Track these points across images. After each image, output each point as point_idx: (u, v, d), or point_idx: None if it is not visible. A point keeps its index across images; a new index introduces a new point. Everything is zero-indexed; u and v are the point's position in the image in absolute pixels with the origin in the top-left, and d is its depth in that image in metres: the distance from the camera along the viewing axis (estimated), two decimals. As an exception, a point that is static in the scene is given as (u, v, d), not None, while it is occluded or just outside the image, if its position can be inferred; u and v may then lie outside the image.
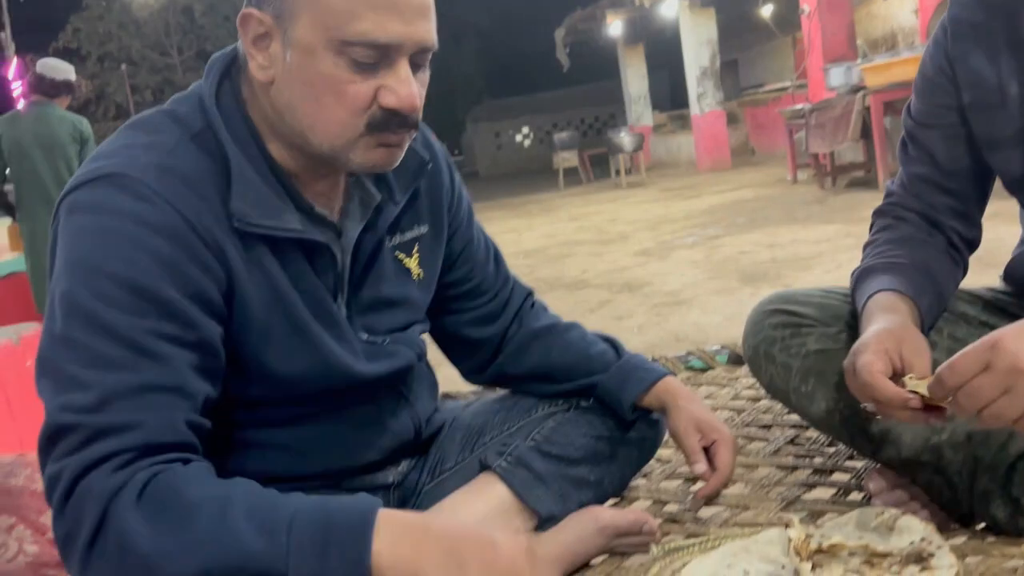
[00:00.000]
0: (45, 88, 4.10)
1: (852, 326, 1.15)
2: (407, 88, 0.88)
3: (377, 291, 1.05)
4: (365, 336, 1.05)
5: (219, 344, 0.89)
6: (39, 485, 1.35)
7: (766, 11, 11.98)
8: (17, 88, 15.32)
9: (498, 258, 1.27)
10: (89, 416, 0.78)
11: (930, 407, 0.92)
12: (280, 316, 0.94)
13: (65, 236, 0.86)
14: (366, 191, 1.02)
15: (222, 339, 0.90)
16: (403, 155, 0.96)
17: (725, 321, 3.69)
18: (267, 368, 0.95)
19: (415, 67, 0.91)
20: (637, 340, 3.55)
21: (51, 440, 0.80)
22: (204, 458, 0.85)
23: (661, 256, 5.67)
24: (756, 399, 1.53)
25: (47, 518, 1.29)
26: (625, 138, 12.75)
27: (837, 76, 7.65)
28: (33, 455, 1.48)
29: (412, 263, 1.10)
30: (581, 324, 1.28)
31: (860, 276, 1.17)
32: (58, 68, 4.24)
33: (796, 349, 1.18)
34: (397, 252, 1.08)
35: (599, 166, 15.18)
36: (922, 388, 0.92)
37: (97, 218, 0.84)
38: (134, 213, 0.84)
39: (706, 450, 1.15)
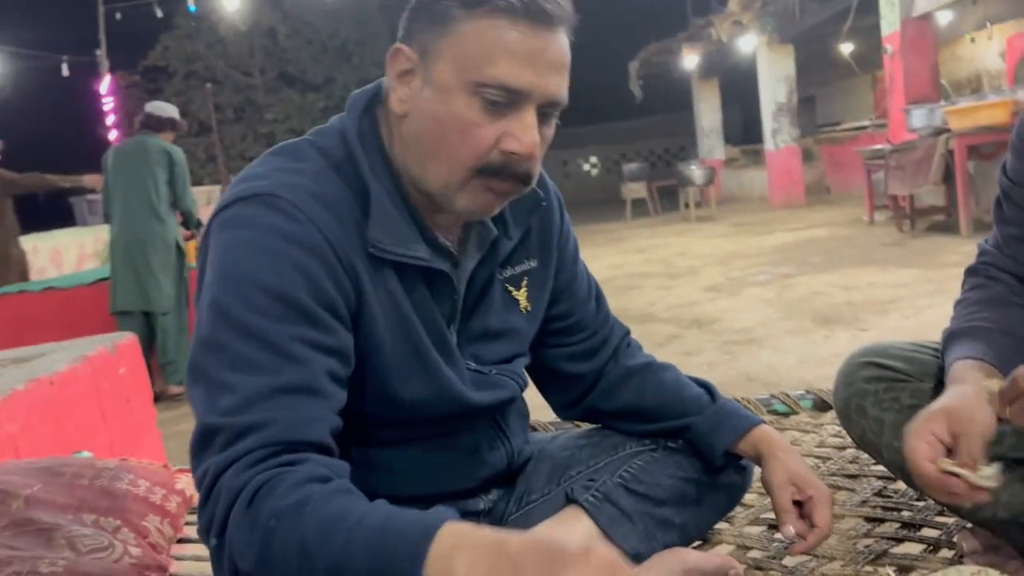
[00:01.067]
0: (152, 124, 4.71)
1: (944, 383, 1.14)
2: (530, 136, 0.92)
3: (486, 322, 1.09)
4: (473, 365, 1.09)
5: (352, 354, 0.94)
6: (142, 490, 1.42)
7: (846, 48, 11.82)
8: (109, 103, 16.07)
9: (599, 297, 1.29)
10: (233, 418, 0.83)
11: (975, 487, 0.94)
12: (402, 339, 0.99)
13: (217, 249, 0.92)
14: (484, 226, 1.07)
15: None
16: (504, 205, 1.00)
17: (799, 363, 3.64)
18: (384, 388, 1.00)
19: (542, 118, 0.95)
20: (706, 378, 3.52)
21: (200, 443, 0.85)
22: (340, 459, 0.88)
23: (732, 292, 5.61)
24: (842, 447, 1.51)
25: (149, 521, 1.36)
26: (696, 171, 12.68)
27: (919, 118, 7.51)
28: (135, 460, 1.55)
29: (521, 296, 1.14)
30: (676, 366, 1.28)
31: (947, 339, 1.16)
32: (165, 108, 4.87)
33: (889, 404, 1.17)
34: (507, 285, 1.12)
35: (667, 198, 15.11)
36: (960, 470, 0.94)
37: (248, 233, 0.90)
38: (282, 230, 0.90)
39: (798, 504, 1.13)
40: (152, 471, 1.50)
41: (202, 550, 1.30)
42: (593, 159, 25.82)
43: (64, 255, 11.92)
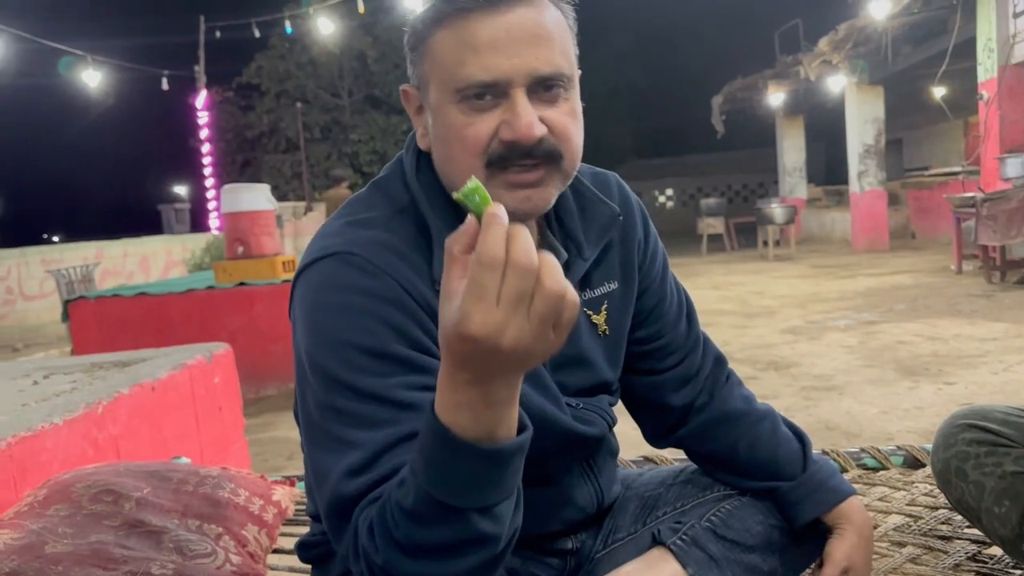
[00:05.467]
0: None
1: None
2: (523, 119, 0.89)
3: (565, 349, 1.08)
4: (562, 395, 1.09)
5: None
6: (242, 499, 1.48)
7: (938, 92, 11.54)
8: (203, 117, 16.70)
9: (691, 317, 1.23)
10: (365, 474, 0.86)
11: None
12: None
13: (305, 307, 0.95)
14: (554, 249, 1.05)
15: None
16: (551, 200, 0.97)
17: (881, 414, 3.55)
18: None
19: (545, 94, 0.92)
20: (785, 423, 3.46)
21: (339, 509, 0.86)
22: None
23: (811, 336, 5.51)
24: (934, 507, 1.48)
25: (248, 531, 1.41)
26: (776, 209, 12.51)
27: (1015, 167, 7.27)
28: (235, 470, 1.62)
29: (599, 319, 1.11)
30: (774, 411, 1.25)
31: None
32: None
33: (991, 468, 1.15)
34: (586, 309, 1.09)
35: (744, 235, 14.92)
36: None
37: (332, 294, 0.93)
38: (362, 287, 0.92)
39: None
40: (251, 481, 1.57)
41: (295, 562, 1.34)
42: (669, 191, 25.68)
43: (152, 261, 12.41)
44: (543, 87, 0.92)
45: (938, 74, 10.01)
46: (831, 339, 5.36)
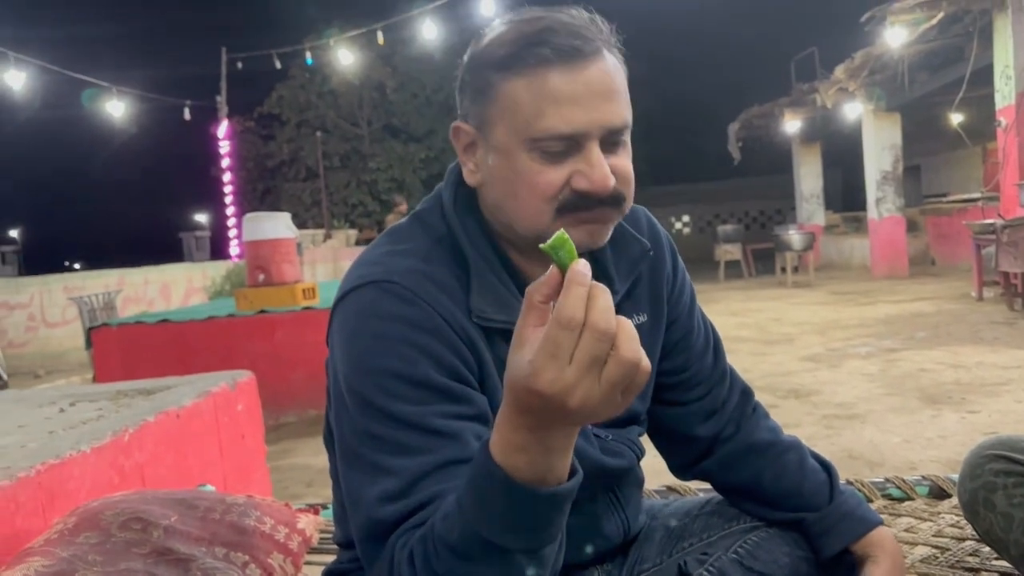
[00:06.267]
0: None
1: None
2: (599, 171, 0.92)
3: None
4: (590, 427, 1.10)
5: (491, 416, 0.95)
6: (267, 527, 1.49)
7: (955, 119, 11.52)
8: (225, 146, 16.92)
9: (717, 350, 1.24)
10: (401, 501, 0.87)
11: None
12: None
13: (343, 334, 0.97)
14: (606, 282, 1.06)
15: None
16: (609, 234, 0.99)
17: (904, 443, 3.52)
18: None
19: (611, 146, 0.95)
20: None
21: (374, 534, 0.87)
22: None
23: (831, 364, 5.47)
24: (961, 539, 1.47)
25: (274, 559, 1.42)
26: (794, 236, 12.48)
27: (1035, 193, 7.23)
28: (260, 497, 1.63)
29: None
30: (800, 442, 1.25)
31: None
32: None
33: (1020, 499, 1.15)
34: None
35: (762, 261, 14.88)
36: None
37: (371, 321, 0.94)
38: (401, 315, 0.94)
39: None
40: (276, 509, 1.58)
41: (320, 591, 1.35)
42: (685, 217, 25.70)
43: (173, 288, 12.53)
44: (611, 139, 0.95)
45: (955, 101, 10.01)
46: (852, 367, 5.32)
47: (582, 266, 0.68)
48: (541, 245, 0.71)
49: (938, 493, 1.65)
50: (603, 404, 0.68)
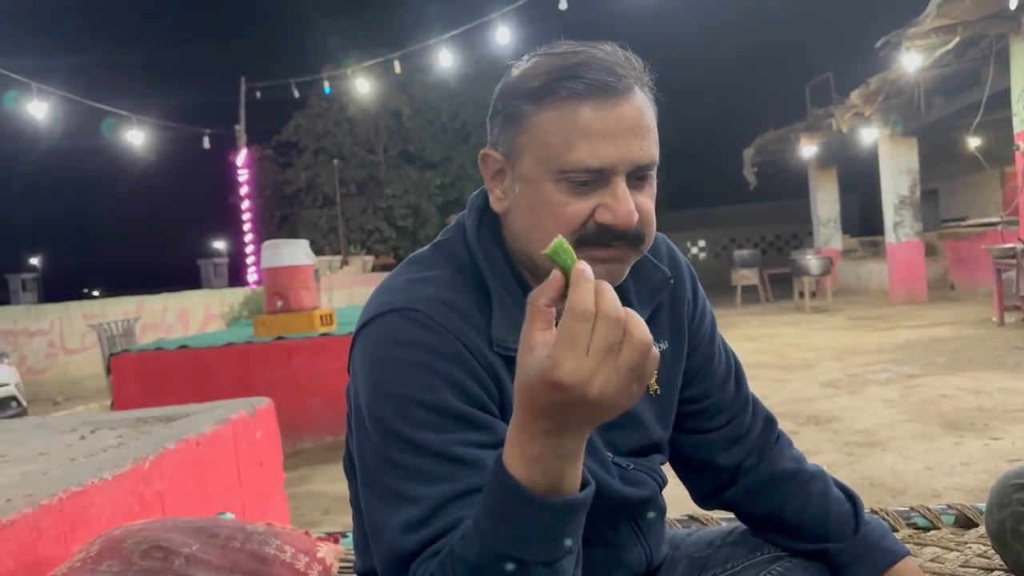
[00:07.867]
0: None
1: None
2: (624, 206, 0.93)
3: None
4: (611, 456, 1.10)
5: None
6: (287, 556, 1.49)
7: (973, 143, 11.48)
8: (244, 174, 17.11)
9: (739, 377, 1.24)
10: (423, 530, 0.86)
11: None
12: None
13: (364, 361, 0.97)
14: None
15: None
16: (627, 273, 1.00)
17: (926, 470, 3.47)
18: None
19: (637, 182, 0.95)
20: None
21: (396, 563, 0.87)
22: None
23: (851, 390, 5.42)
24: (989, 568, 1.44)
25: (294, 589, 1.41)
26: (812, 261, 12.43)
27: (1056, 217, 7.17)
28: (280, 526, 1.63)
29: (651, 379, 1.10)
30: (825, 471, 1.24)
31: None
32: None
33: (1049, 528, 1.13)
34: None
35: (778, 286, 14.82)
36: None
37: (392, 348, 0.95)
38: (424, 343, 0.94)
39: None
40: (296, 537, 1.57)
41: (340, 620, 1.34)
42: (701, 242, 25.66)
43: (191, 315, 12.61)
44: (638, 174, 0.95)
45: (973, 125, 9.98)
46: (872, 393, 5.27)
47: (584, 265, 0.72)
48: (544, 251, 0.74)
49: (964, 522, 1.63)
50: (620, 392, 0.70)
